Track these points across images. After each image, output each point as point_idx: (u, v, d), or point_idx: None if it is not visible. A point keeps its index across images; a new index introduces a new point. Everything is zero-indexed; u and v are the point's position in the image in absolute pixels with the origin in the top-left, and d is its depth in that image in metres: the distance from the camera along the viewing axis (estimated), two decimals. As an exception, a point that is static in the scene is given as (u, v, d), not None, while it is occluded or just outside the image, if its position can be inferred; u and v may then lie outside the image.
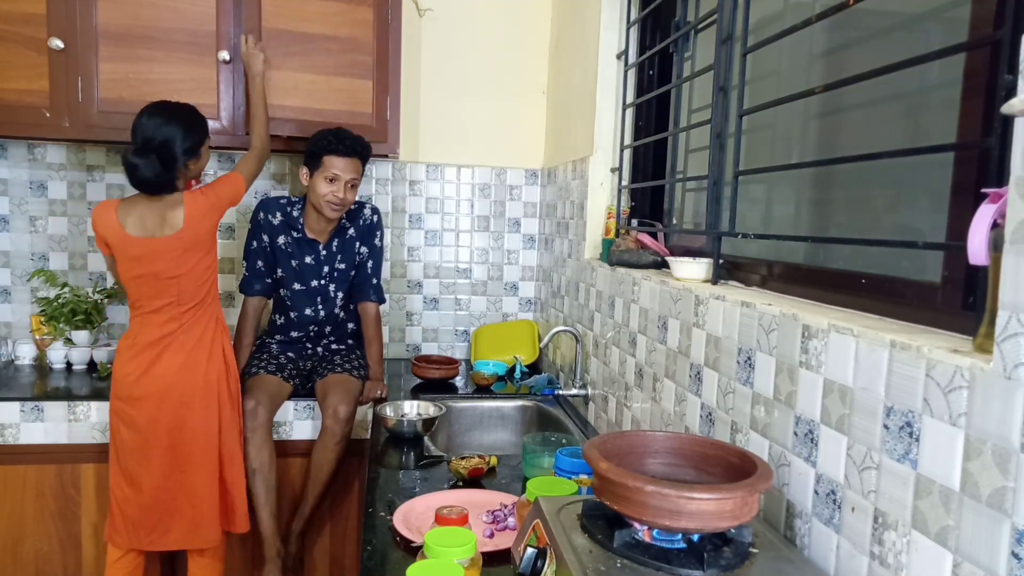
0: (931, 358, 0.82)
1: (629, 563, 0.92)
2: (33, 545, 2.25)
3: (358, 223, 2.50)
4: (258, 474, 2.18)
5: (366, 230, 2.51)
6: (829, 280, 1.23)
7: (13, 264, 2.68)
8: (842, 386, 0.98)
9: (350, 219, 2.49)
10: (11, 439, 2.21)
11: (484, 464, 1.69)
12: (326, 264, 2.46)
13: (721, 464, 1.06)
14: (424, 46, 2.87)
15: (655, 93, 2.01)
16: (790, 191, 1.53)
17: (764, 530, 1.04)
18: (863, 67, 1.08)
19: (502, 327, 2.98)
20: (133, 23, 2.33)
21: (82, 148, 2.68)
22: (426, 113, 2.91)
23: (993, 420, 0.73)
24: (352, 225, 2.49)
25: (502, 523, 1.41)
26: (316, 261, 2.45)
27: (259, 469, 2.18)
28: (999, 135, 0.86)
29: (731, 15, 1.47)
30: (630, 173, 2.17)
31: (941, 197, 1.02)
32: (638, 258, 1.87)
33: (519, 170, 3.02)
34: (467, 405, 2.38)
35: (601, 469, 0.96)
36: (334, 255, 2.47)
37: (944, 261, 1.00)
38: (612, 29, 2.21)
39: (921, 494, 0.84)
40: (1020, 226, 0.70)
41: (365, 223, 2.51)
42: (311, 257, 2.45)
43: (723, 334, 1.31)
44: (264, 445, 2.18)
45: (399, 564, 1.25)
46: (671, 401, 1.55)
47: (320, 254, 2.45)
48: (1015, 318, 0.71)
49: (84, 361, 2.59)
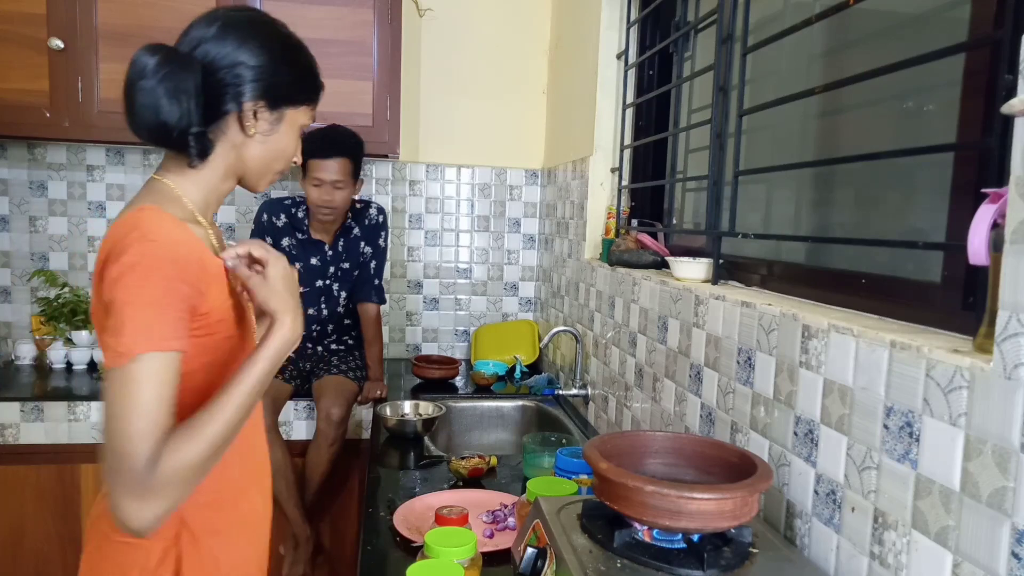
0: (931, 358, 0.82)
1: (629, 563, 0.92)
2: (33, 545, 2.25)
3: (363, 223, 2.49)
4: (277, 474, 2.17)
5: (371, 230, 2.50)
6: (829, 280, 1.23)
7: (13, 264, 2.68)
8: (842, 386, 0.98)
9: (356, 219, 2.48)
10: (11, 439, 2.21)
11: (484, 464, 1.69)
12: (332, 265, 2.46)
13: (721, 464, 1.06)
14: (424, 46, 2.87)
15: (655, 93, 2.01)
16: (790, 191, 1.53)
17: (764, 530, 1.04)
18: (863, 67, 1.08)
19: (502, 327, 2.98)
20: (133, 23, 2.33)
21: (82, 148, 2.68)
22: (426, 113, 2.91)
23: (993, 420, 0.73)
24: (358, 225, 2.48)
25: (502, 523, 1.41)
26: (322, 262, 2.45)
27: (277, 470, 2.17)
28: (999, 135, 0.86)
29: (731, 15, 1.47)
30: (630, 173, 2.16)
31: (941, 197, 1.02)
32: (638, 258, 1.87)
33: (519, 170, 3.02)
34: (467, 405, 2.38)
35: (601, 469, 0.96)
36: (339, 255, 2.47)
37: (944, 261, 1.00)
38: (612, 29, 2.21)
39: (921, 494, 0.84)
40: (1020, 226, 0.70)
41: (371, 223, 2.50)
42: (317, 258, 2.45)
43: (723, 334, 1.31)
44: (275, 446, 2.18)
45: (399, 564, 1.25)
46: (671, 401, 1.55)
47: (326, 255, 2.45)
48: (1015, 318, 0.71)
49: (84, 361, 2.59)
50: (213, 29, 1.05)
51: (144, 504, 0.86)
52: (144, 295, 0.89)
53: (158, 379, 0.89)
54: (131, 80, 1.01)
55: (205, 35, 1.05)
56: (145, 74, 1.00)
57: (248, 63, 1.05)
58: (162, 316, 0.90)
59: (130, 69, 1.01)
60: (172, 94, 0.99)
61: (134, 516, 0.86)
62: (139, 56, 1.01)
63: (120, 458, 0.86)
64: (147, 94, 1.00)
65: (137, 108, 1.01)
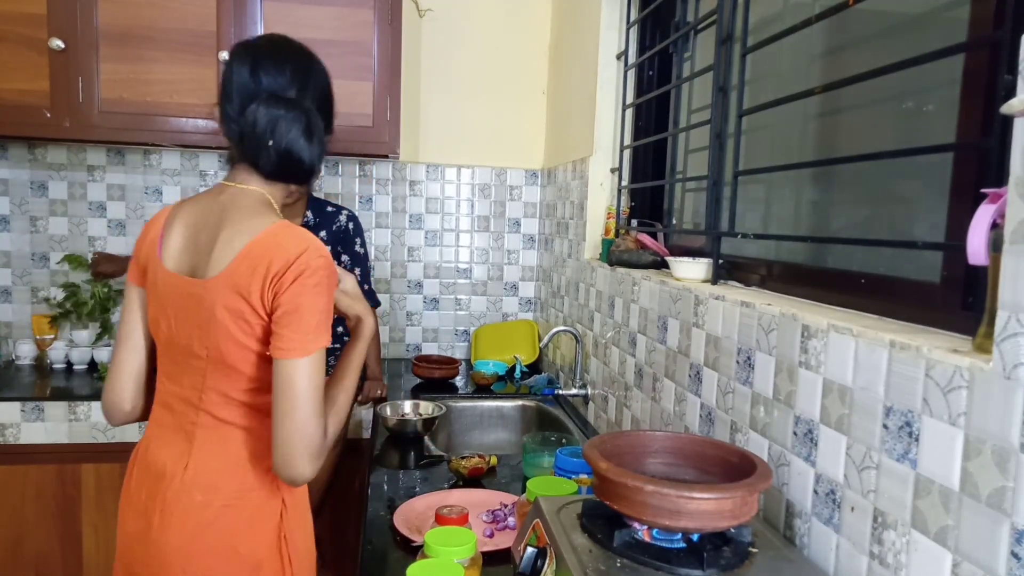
0: (931, 358, 0.82)
1: (629, 563, 0.93)
2: (33, 545, 2.25)
3: (330, 227, 2.38)
4: None
5: (341, 237, 2.39)
6: (829, 280, 1.23)
7: (13, 264, 2.68)
8: (842, 386, 0.98)
9: (320, 220, 2.37)
10: (11, 439, 2.21)
11: (484, 464, 1.69)
12: None
13: (721, 464, 1.06)
14: (424, 46, 2.87)
15: (655, 93, 2.02)
16: (790, 191, 1.53)
17: (764, 530, 1.04)
18: (863, 67, 1.08)
19: (502, 327, 2.98)
20: (133, 23, 2.33)
21: (82, 148, 2.68)
22: (426, 113, 2.91)
23: (992, 420, 0.74)
24: (323, 227, 2.37)
25: (502, 523, 1.41)
26: None
27: None
28: (999, 135, 0.86)
29: (731, 15, 1.47)
30: (630, 173, 2.17)
31: (941, 197, 1.02)
32: (638, 258, 1.87)
33: (519, 170, 3.02)
34: (467, 405, 2.38)
35: (601, 469, 0.96)
36: None
37: (944, 261, 1.00)
38: (612, 29, 2.22)
39: (921, 494, 0.84)
40: (1020, 226, 0.70)
41: (339, 229, 2.39)
42: None
43: (723, 334, 1.32)
44: None
45: (399, 563, 1.25)
46: (671, 401, 1.55)
47: None
48: (1014, 318, 0.71)
49: (84, 361, 2.59)
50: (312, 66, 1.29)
51: (317, 462, 1.11)
52: (324, 302, 1.14)
53: (323, 365, 1.14)
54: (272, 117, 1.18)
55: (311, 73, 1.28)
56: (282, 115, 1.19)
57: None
58: (330, 319, 1.16)
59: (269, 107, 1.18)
60: (309, 134, 1.21)
61: (309, 471, 1.10)
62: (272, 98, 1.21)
63: (308, 427, 1.09)
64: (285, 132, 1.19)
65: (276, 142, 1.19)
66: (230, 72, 1.20)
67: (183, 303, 1.18)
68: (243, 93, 1.18)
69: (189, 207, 1.25)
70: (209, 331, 1.15)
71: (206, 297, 1.14)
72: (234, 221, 1.17)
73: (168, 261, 1.22)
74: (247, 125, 1.17)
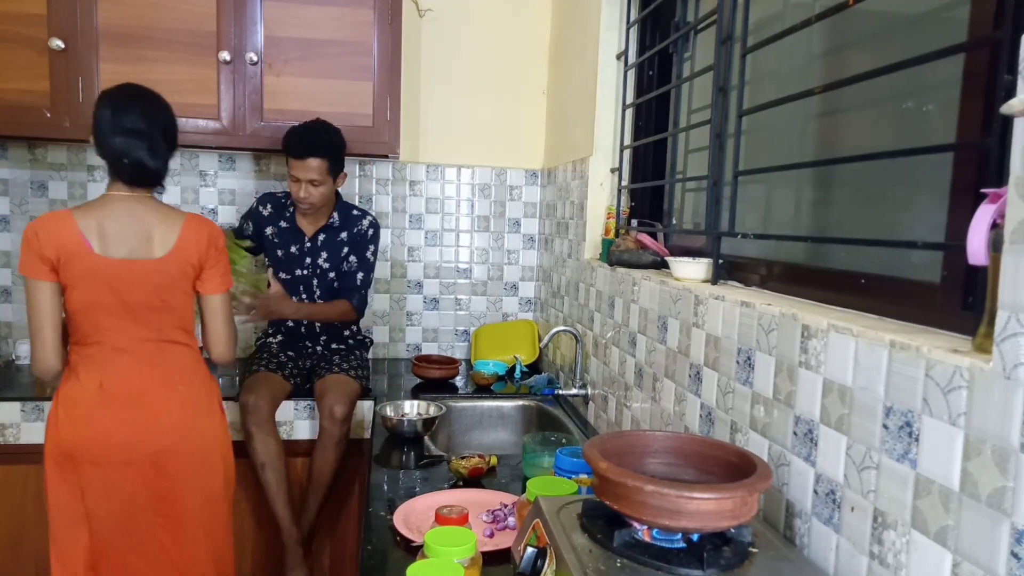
0: (930, 358, 0.82)
1: (629, 563, 0.93)
2: (33, 545, 2.24)
3: (351, 229, 2.50)
4: (268, 467, 2.18)
5: (359, 239, 2.50)
6: (829, 280, 1.23)
7: (13, 264, 2.68)
8: (841, 386, 0.98)
9: (344, 222, 2.49)
10: (11, 439, 2.21)
11: (484, 464, 1.69)
12: (309, 256, 2.48)
13: (721, 464, 1.06)
14: (424, 46, 2.87)
15: (655, 93, 2.02)
16: (790, 191, 1.53)
17: (764, 530, 1.04)
18: (863, 67, 1.08)
19: (502, 327, 2.98)
20: (134, 23, 2.33)
21: (82, 148, 2.68)
22: (426, 113, 2.91)
23: (992, 420, 0.74)
24: (345, 229, 2.49)
25: (502, 523, 1.41)
26: (300, 252, 2.48)
27: (268, 462, 2.18)
28: (999, 135, 0.86)
29: (731, 15, 1.47)
30: (630, 173, 2.17)
31: (941, 197, 1.02)
32: (638, 258, 1.87)
33: (519, 170, 3.02)
34: (467, 405, 2.38)
35: (601, 469, 0.96)
36: (318, 249, 2.48)
37: (944, 261, 1.00)
38: (612, 29, 2.22)
39: (920, 494, 0.84)
40: (1019, 226, 0.70)
41: (359, 232, 2.50)
42: (296, 247, 2.48)
43: (723, 334, 1.32)
44: (270, 438, 2.19)
45: (399, 564, 1.25)
46: (671, 401, 1.55)
47: (305, 245, 2.48)
48: (1014, 318, 0.71)
49: (84, 361, 2.59)
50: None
51: (235, 347, 1.90)
52: (227, 257, 1.87)
53: (230, 296, 1.90)
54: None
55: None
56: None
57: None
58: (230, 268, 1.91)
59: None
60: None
61: (230, 355, 1.87)
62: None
63: (232, 332, 1.86)
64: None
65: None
66: (98, 114, 1.69)
67: (133, 277, 1.70)
68: (106, 129, 1.68)
69: (98, 213, 1.68)
70: (164, 290, 1.73)
71: (162, 269, 1.72)
72: (161, 217, 1.74)
73: (107, 252, 1.67)
74: (110, 150, 1.68)
